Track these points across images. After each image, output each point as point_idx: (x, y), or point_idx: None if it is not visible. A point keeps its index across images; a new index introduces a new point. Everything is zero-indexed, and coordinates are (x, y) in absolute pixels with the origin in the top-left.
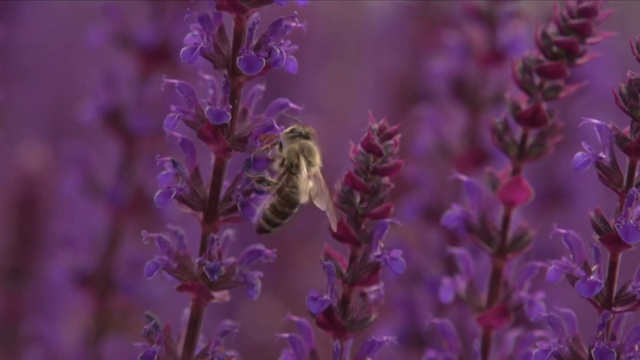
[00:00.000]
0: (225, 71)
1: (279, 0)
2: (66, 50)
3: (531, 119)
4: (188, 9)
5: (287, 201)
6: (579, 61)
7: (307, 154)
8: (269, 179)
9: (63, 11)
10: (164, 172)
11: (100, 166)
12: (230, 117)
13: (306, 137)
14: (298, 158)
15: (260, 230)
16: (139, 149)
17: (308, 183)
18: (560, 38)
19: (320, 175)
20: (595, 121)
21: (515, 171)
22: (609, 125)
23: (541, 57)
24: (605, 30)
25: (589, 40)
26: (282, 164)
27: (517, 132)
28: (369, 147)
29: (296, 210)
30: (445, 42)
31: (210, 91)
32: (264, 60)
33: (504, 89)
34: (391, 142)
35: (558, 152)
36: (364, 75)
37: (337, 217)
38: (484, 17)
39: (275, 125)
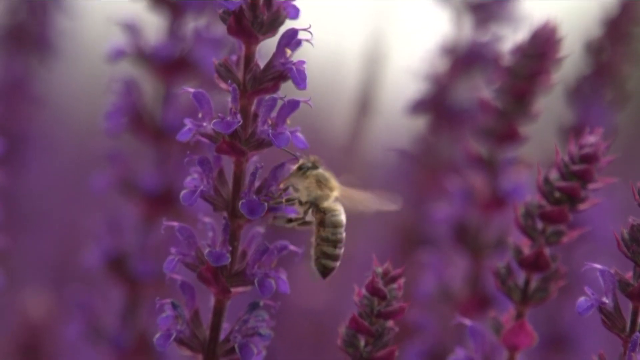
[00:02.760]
0: (225, 213)
1: (279, 143)
2: (71, 196)
3: (534, 263)
4: (188, 152)
5: (336, 226)
6: (581, 206)
7: (325, 182)
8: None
9: (68, 158)
10: (164, 315)
11: (103, 311)
12: (229, 259)
13: (314, 167)
14: (321, 189)
15: (326, 271)
16: (142, 293)
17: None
18: (562, 183)
19: (343, 194)
20: (598, 266)
21: (519, 315)
22: (612, 271)
23: (543, 202)
24: (607, 176)
25: (591, 186)
26: (304, 203)
27: (520, 276)
28: (374, 291)
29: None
30: (447, 187)
31: (210, 233)
32: (266, 204)
33: (506, 233)
34: (395, 285)
35: (561, 296)
36: (367, 220)
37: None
38: (486, 163)
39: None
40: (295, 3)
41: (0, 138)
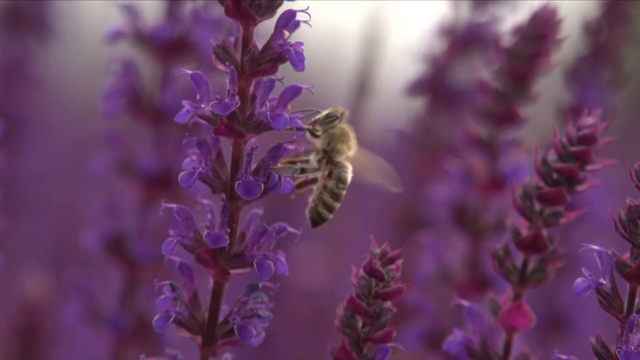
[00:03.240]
0: (224, 195)
1: (277, 125)
2: (69, 178)
3: (532, 245)
4: (186, 134)
5: (342, 181)
6: (579, 188)
7: (347, 137)
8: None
9: (66, 140)
10: (163, 297)
11: (102, 293)
12: (228, 241)
13: (340, 119)
14: (342, 142)
15: (320, 219)
16: (141, 275)
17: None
18: (560, 165)
19: (359, 153)
20: (595, 247)
21: (517, 297)
22: (609, 252)
23: (541, 183)
24: (605, 158)
25: (589, 167)
26: (320, 151)
27: (518, 258)
28: (371, 272)
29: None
30: (446, 169)
31: (209, 215)
32: (263, 184)
33: (504, 215)
34: (393, 266)
35: (559, 278)
36: (366, 202)
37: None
38: (485, 145)
39: (266, 227)
40: None
41: None
